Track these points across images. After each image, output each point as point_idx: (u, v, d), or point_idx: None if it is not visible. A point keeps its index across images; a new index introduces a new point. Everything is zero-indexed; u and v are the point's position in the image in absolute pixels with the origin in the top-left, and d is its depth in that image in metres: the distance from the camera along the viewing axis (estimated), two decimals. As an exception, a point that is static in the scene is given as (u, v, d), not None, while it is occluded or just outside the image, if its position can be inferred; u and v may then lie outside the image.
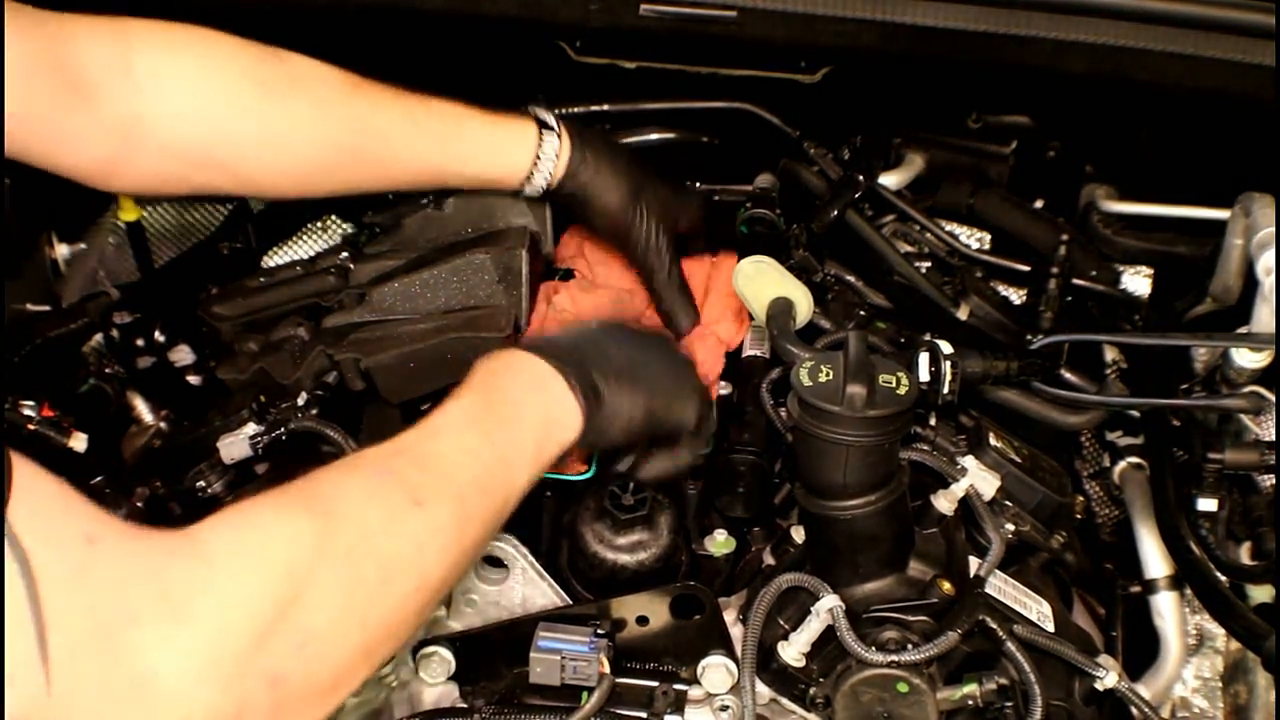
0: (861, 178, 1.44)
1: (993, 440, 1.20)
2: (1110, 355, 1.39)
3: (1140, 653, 1.24)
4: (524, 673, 1.05)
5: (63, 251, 1.48)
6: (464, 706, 1.10)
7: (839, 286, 1.42)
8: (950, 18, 1.21)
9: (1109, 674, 1.05)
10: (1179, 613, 1.24)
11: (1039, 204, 1.56)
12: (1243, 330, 1.19)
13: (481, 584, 1.13)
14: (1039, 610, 1.10)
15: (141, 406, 1.30)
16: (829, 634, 1.03)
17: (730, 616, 1.13)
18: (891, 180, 1.50)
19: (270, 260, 1.53)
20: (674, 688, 1.07)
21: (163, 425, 1.29)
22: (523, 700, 1.08)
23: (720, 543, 1.19)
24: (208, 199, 1.54)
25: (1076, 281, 1.39)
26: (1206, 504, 1.16)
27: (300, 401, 1.19)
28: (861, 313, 1.36)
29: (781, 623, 1.07)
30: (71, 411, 1.19)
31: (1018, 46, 1.23)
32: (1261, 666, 1.20)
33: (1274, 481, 1.19)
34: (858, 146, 1.57)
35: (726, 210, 1.52)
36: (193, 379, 1.37)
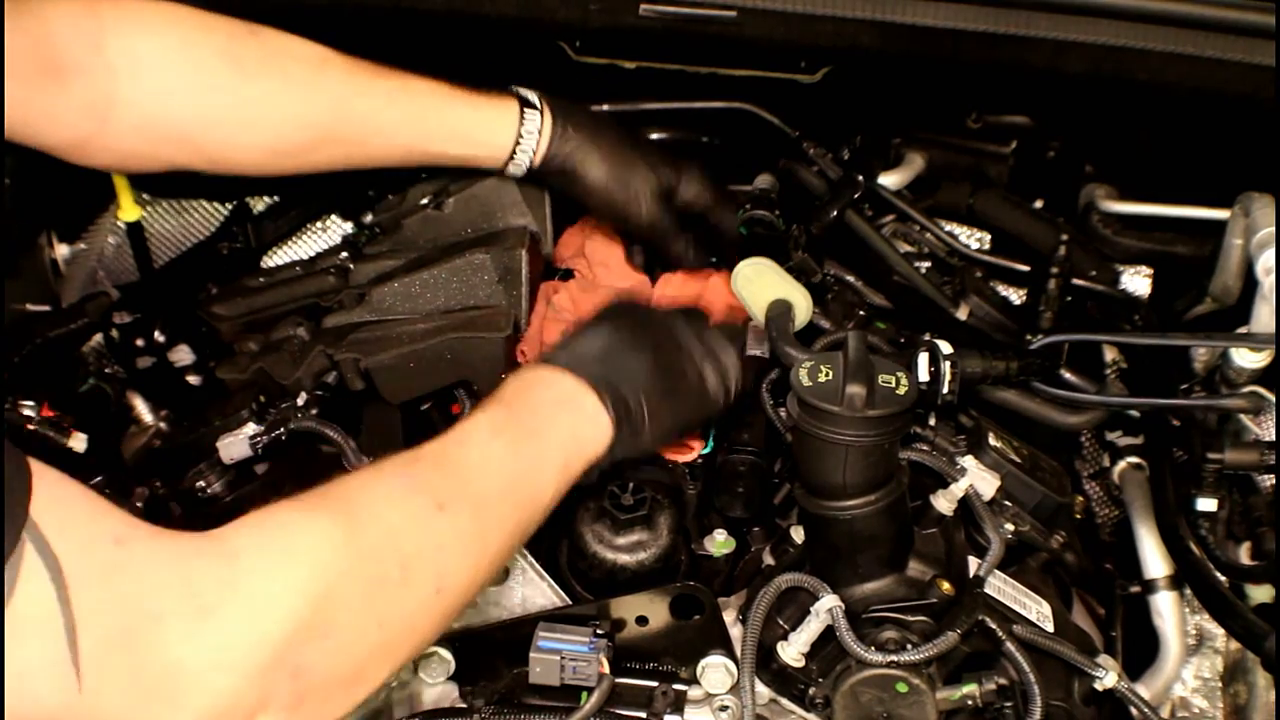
0: (861, 178, 1.44)
1: (992, 440, 1.20)
2: (1110, 355, 1.39)
3: (1140, 653, 1.24)
4: (524, 673, 1.06)
5: (63, 251, 1.48)
6: (464, 706, 1.10)
7: (839, 287, 1.42)
8: (950, 18, 1.21)
9: (1109, 674, 1.05)
10: (1179, 613, 1.23)
11: (1039, 204, 1.56)
12: (1243, 330, 1.19)
13: (481, 584, 1.13)
14: (1039, 610, 1.10)
15: (141, 406, 1.30)
16: (828, 634, 1.03)
17: (730, 616, 1.13)
18: (891, 180, 1.49)
19: (270, 260, 1.53)
20: (673, 688, 1.07)
21: (163, 425, 1.29)
22: (522, 700, 1.08)
23: (720, 543, 1.19)
24: (206, 197, 1.55)
25: (1076, 281, 1.38)
26: (1206, 504, 1.16)
27: (300, 401, 1.19)
28: (861, 313, 1.36)
29: (781, 623, 1.07)
30: (71, 411, 1.20)
31: (1018, 46, 1.23)
32: (1261, 666, 1.20)
33: (1274, 481, 1.19)
34: (857, 146, 1.57)
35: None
36: (193, 379, 1.38)
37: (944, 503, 1.09)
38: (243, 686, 0.71)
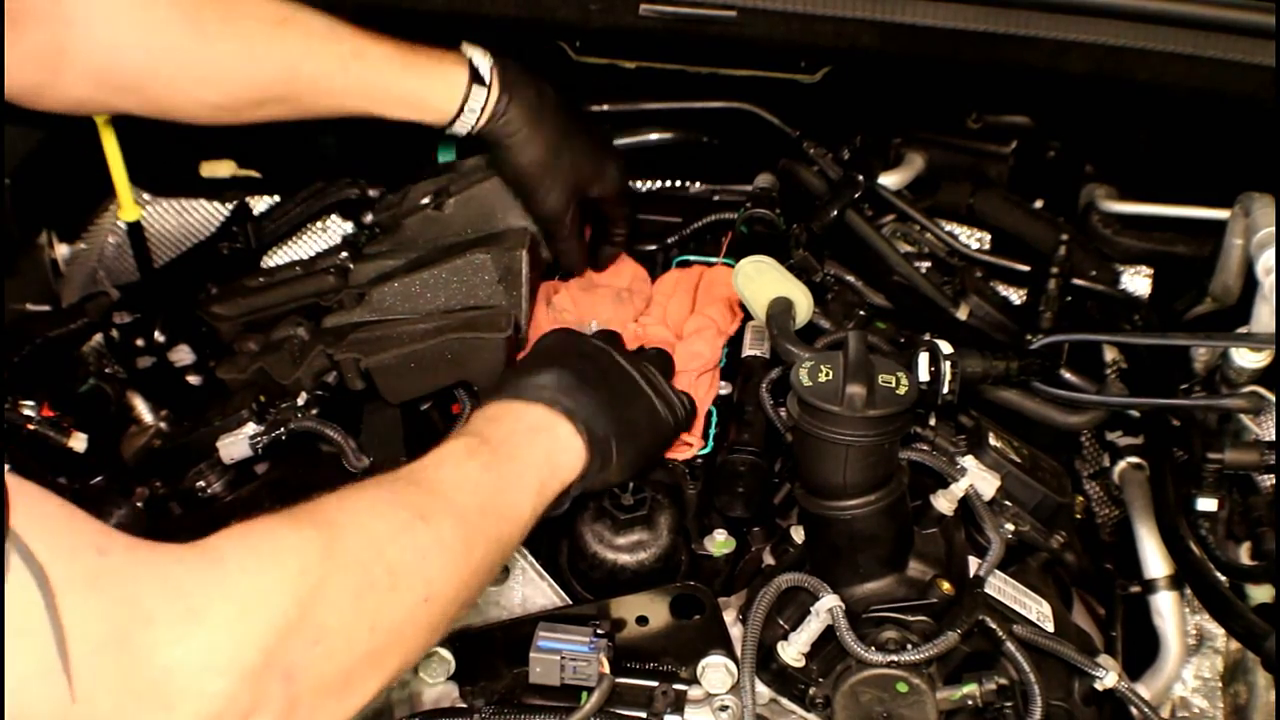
0: (861, 178, 1.44)
1: (992, 440, 1.20)
2: (1110, 355, 1.39)
3: (1140, 653, 1.24)
4: (524, 673, 1.05)
5: (63, 251, 1.48)
6: (464, 706, 1.10)
7: (839, 286, 1.42)
8: (950, 18, 1.21)
9: (1109, 674, 1.05)
10: (1179, 613, 1.23)
11: (1039, 204, 1.56)
12: (1243, 330, 1.19)
13: (481, 584, 1.13)
14: (1039, 610, 1.10)
15: (141, 406, 1.30)
16: (829, 634, 1.03)
17: (730, 616, 1.13)
18: (891, 180, 1.50)
19: (270, 260, 1.53)
20: (674, 688, 1.07)
21: (163, 425, 1.29)
22: (522, 700, 1.08)
23: (720, 543, 1.19)
24: (206, 196, 1.55)
25: (1076, 281, 1.39)
26: (1206, 504, 1.16)
27: (300, 401, 1.19)
28: (861, 313, 1.36)
29: (781, 623, 1.07)
30: (71, 411, 1.20)
31: (1018, 46, 1.23)
32: (1261, 666, 1.20)
33: (1274, 481, 1.19)
34: (857, 146, 1.57)
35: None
36: (193, 379, 1.38)
37: (944, 503, 1.09)
38: (235, 689, 0.71)
